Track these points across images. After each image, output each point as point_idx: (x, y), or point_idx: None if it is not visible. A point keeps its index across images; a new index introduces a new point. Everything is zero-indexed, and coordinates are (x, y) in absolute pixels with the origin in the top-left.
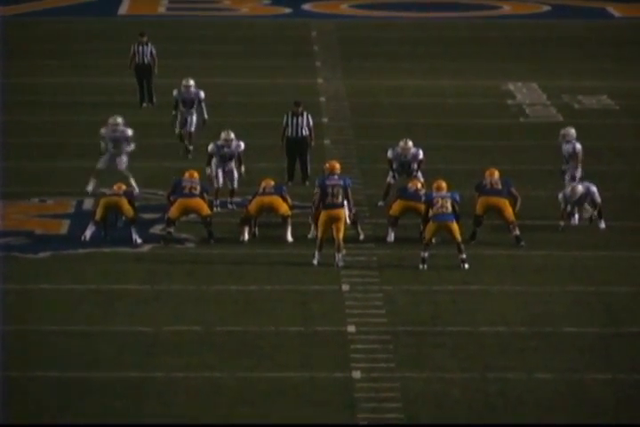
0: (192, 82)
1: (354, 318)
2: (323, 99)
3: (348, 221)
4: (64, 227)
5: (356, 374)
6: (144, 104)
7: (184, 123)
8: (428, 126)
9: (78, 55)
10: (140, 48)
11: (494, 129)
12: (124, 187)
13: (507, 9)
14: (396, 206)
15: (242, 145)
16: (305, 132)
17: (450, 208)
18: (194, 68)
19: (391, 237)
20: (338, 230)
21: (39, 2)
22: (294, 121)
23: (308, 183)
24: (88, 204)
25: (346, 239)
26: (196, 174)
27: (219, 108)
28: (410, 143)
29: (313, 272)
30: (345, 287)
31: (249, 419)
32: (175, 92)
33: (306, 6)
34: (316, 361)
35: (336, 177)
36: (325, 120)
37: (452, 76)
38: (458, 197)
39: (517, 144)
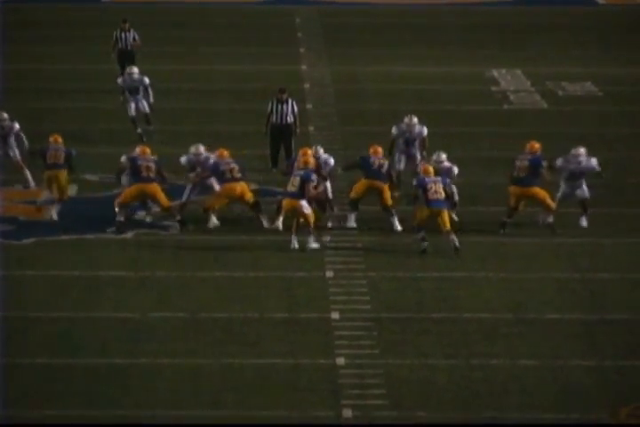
0: (135, 69)
1: (338, 305)
2: (307, 85)
3: (304, 211)
4: (48, 213)
5: (340, 361)
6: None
7: (136, 107)
8: (412, 113)
9: (63, 41)
10: (123, 34)
11: (478, 116)
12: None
13: None
14: (359, 187)
15: (211, 159)
16: (290, 119)
17: (443, 194)
18: (178, 54)
19: (352, 221)
20: (303, 218)
21: None
22: (279, 108)
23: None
24: (72, 190)
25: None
26: (147, 150)
27: (203, 95)
28: (415, 119)
29: (297, 259)
30: (329, 274)
31: (233, 405)
32: (120, 80)
33: None
34: (301, 348)
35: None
36: (310, 106)
37: (436, 62)
38: (448, 181)
39: (501, 131)
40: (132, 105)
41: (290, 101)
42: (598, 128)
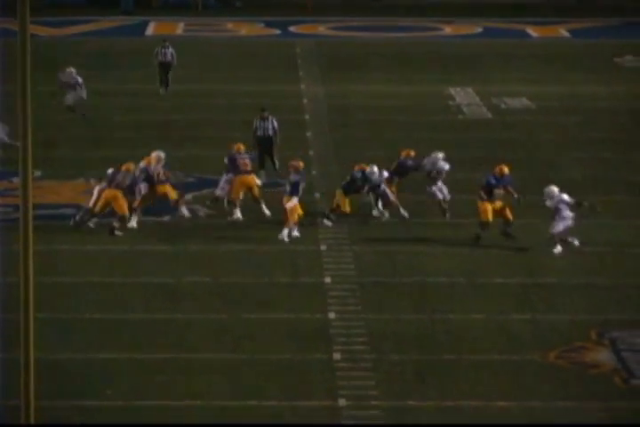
0: (73, 69)
1: (330, 272)
2: (305, 101)
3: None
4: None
5: (332, 315)
6: (161, 90)
7: (69, 99)
8: (388, 122)
9: (114, 66)
10: (163, 50)
11: (439, 124)
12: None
13: (448, 30)
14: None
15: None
16: (270, 132)
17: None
18: (204, 77)
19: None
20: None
21: (83, 25)
22: (261, 124)
23: (277, 169)
24: None
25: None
26: (131, 166)
27: (225, 109)
28: (440, 155)
29: (298, 236)
30: (323, 247)
31: (249, 350)
32: (59, 75)
33: (291, 28)
34: (300, 305)
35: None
36: (307, 117)
37: (406, 82)
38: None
39: (457, 136)
40: (68, 96)
41: (270, 118)
42: (531, 134)
